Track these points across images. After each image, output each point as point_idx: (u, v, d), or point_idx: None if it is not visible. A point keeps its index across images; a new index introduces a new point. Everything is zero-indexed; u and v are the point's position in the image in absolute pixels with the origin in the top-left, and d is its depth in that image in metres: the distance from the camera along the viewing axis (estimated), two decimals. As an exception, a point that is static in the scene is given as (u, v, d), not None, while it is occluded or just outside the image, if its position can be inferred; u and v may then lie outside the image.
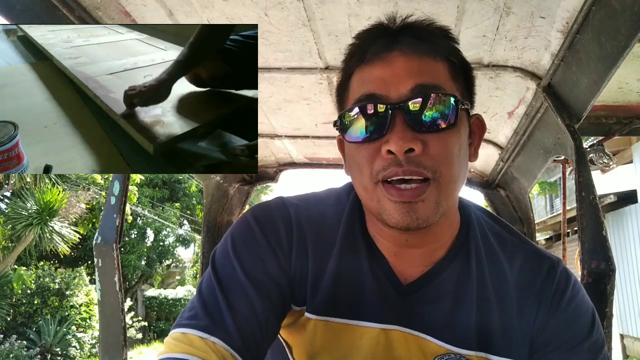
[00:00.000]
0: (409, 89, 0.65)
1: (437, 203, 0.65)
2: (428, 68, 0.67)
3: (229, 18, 1.21)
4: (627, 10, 0.91)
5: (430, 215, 0.65)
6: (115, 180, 1.43)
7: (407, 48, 0.68)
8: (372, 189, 0.68)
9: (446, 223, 0.75)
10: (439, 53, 0.69)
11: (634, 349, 8.25)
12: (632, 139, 7.36)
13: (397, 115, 0.65)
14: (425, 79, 0.66)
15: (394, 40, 0.69)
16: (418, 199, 0.64)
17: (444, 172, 0.65)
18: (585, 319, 0.74)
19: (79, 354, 10.00)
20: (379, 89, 0.67)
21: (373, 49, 0.69)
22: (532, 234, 2.05)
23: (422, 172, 0.64)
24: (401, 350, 0.74)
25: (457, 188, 0.69)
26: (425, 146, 0.64)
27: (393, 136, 0.64)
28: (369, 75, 0.69)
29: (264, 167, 2.36)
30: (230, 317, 0.66)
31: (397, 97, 0.66)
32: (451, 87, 0.69)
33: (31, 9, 1.08)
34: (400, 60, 0.67)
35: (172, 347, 0.64)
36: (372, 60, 0.69)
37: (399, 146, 0.63)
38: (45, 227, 9.52)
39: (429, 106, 0.65)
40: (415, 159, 0.64)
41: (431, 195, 0.65)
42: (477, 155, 0.76)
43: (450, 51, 0.71)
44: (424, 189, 0.64)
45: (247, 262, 0.72)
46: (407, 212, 0.65)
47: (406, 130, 0.64)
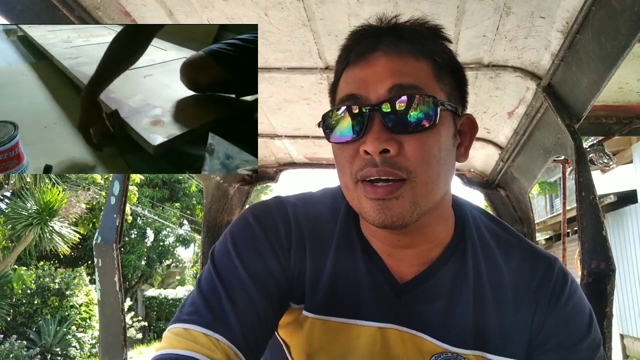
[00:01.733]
0: (386, 89, 0.66)
1: (413, 203, 0.66)
2: (409, 68, 0.67)
3: (229, 18, 1.21)
4: (627, 10, 0.91)
5: (406, 214, 0.66)
6: (115, 180, 1.43)
7: (389, 49, 0.68)
8: (353, 188, 0.69)
9: (438, 223, 0.75)
10: (422, 53, 0.69)
11: (634, 349, 8.25)
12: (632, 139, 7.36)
13: (375, 115, 0.65)
14: (403, 80, 0.66)
15: (378, 41, 0.69)
16: (391, 196, 0.65)
17: (419, 172, 0.65)
18: (582, 318, 0.74)
19: (79, 354, 10.00)
20: (359, 90, 0.68)
21: (357, 50, 0.70)
22: (532, 234, 2.05)
23: (396, 172, 0.64)
24: (398, 349, 0.74)
25: (438, 189, 0.69)
26: (401, 147, 0.65)
27: (369, 137, 0.65)
28: (352, 75, 0.70)
29: (264, 167, 2.36)
30: (233, 314, 0.66)
31: (375, 97, 0.66)
32: (433, 87, 0.68)
33: (31, 9, 1.08)
34: (382, 61, 0.68)
35: (173, 343, 0.63)
36: (356, 61, 0.70)
37: (374, 147, 0.64)
38: (45, 227, 9.53)
39: (406, 107, 0.65)
40: (390, 160, 0.64)
41: (406, 194, 0.65)
42: (467, 156, 0.76)
43: (435, 51, 0.70)
44: (398, 187, 0.65)
45: (247, 259, 0.72)
46: (381, 210, 0.65)
47: (382, 131, 0.64)
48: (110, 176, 1.48)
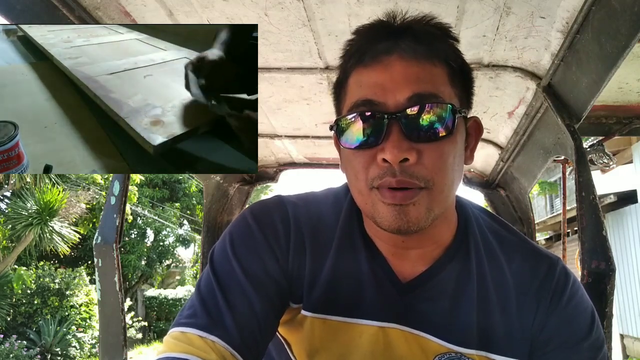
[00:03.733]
0: (406, 97, 0.65)
1: (428, 209, 0.66)
2: (426, 75, 0.67)
3: (229, 18, 1.21)
4: (627, 10, 0.91)
5: (422, 220, 0.66)
6: (115, 180, 1.43)
7: (406, 52, 0.67)
8: (367, 194, 0.68)
9: (443, 224, 0.75)
10: (438, 57, 0.68)
11: (634, 349, 8.25)
12: (632, 139, 7.36)
13: (394, 124, 0.65)
14: (423, 87, 0.66)
15: (394, 43, 0.68)
16: (409, 201, 0.65)
17: (437, 181, 0.65)
18: (584, 318, 0.74)
19: (79, 354, 10.00)
20: (376, 95, 0.67)
21: (372, 51, 0.68)
22: (532, 234, 2.05)
23: (414, 182, 0.64)
24: (401, 348, 0.74)
25: (451, 194, 0.70)
26: (420, 156, 0.65)
27: (388, 145, 0.64)
28: (367, 79, 0.69)
29: (264, 167, 2.36)
30: (230, 316, 0.66)
31: (394, 105, 0.65)
32: (449, 93, 0.68)
33: (31, 9, 1.08)
34: (399, 66, 0.67)
35: (171, 346, 0.64)
36: (371, 63, 0.68)
37: (394, 155, 0.63)
38: (45, 227, 9.52)
39: (426, 116, 0.65)
40: (409, 169, 0.64)
41: (422, 200, 0.65)
42: (473, 158, 0.76)
43: (449, 54, 0.70)
44: (416, 193, 0.65)
45: (246, 261, 0.72)
46: (398, 215, 0.65)
47: (402, 139, 0.64)
48: (110, 176, 1.48)
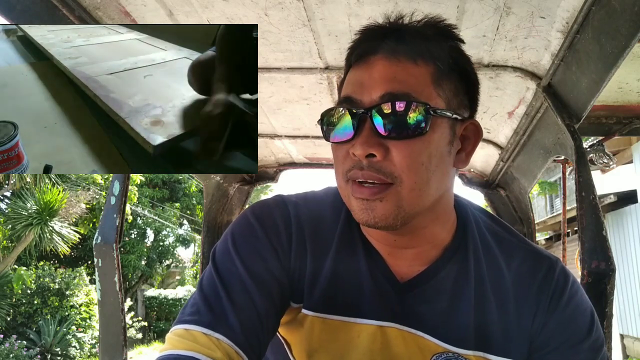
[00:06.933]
0: (379, 95, 0.67)
1: (397, 206, 0.66)
2: (404, 74, 0.67)
3: (229, 18, 1.21)
4: (627, 10, 0.91)
5: (389, 216, 0.66)
6: (115, 180, 1.43)
7: (389, 52, 0.68)
8: (344, 187, 0.70)
9: (436, 224, 0.75)
10: (422, 57, 0.68)
11: (634, 349, 8.25)
12: (632, 139, 7.37)
13: (365, 120, 0.67)
14: (397, 86, 0.66)
15: (381, 43, 0.69)
16: (375, 197, 0.66)
17: (405, 179, 0.66)
18: (584, 319, 0.74)
19: (79, 354, 10.00)
20: (355, 93, 0.69)
21: (360, 51, 0.71)
22: (532, 234, 2.05)
23: (380, 177, 0.66)
24: (399, 348, 0.74)
25: (426, 194, 0.68)
26: (388, 152, 0.66)
27: (358, 140, 0.66)
28: (353, 77, 0.72)
29: (264, 167, 2.36)
30: (233, 313, 0.66)
31: (368, 102, 0.67)
32: (429, 93, 0.67)
33: (31, 9, 1.08)
34: (380, 65, 0.68)
35: (175, 344, 0.64)
36: (358, 62, 0.71)
37: (361, 150, 0.65)
38: (45, 227, 9.53)
39: (396, 114, 0.65)
40: (375, 165, 0.66)
41: (390, 197, 0.66)
42: (467, 162, 0.75)
43: (438, 54, 0.69)
44: (382, 189, 0.66)
45: (248, 259, 0.72)
46: (365, 209, 0.67)
47: (370, 135, 0.66)
48: (110, 176, 1.48)
